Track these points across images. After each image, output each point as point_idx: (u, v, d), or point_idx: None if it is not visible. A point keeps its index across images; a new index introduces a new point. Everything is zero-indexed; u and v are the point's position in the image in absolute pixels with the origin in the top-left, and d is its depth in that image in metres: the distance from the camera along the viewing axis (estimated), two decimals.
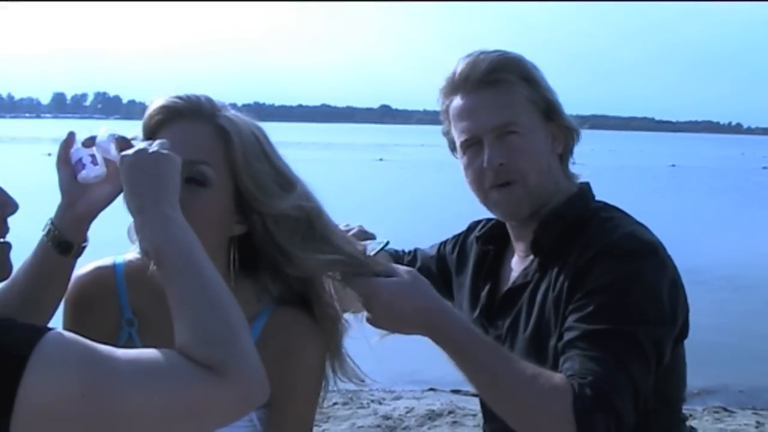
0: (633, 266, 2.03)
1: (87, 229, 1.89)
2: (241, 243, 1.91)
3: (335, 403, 7.36)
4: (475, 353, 1.95)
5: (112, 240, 2.07)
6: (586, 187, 2.32)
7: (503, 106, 2.20)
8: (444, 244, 2.63)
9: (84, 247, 1.89)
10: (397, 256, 2.61)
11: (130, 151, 1.69)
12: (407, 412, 7.41)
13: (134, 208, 1.65)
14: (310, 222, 1.87)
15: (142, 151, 1.68)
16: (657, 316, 2.01)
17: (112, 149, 1.79)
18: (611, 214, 2.22)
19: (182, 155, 1.73)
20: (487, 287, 2.36)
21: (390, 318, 1.96)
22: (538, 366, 1.95)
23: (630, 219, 2.21)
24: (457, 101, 2.25)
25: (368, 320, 1.99)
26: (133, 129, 1.89)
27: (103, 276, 1.97)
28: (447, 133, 2.33)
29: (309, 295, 1.93)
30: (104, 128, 1.84)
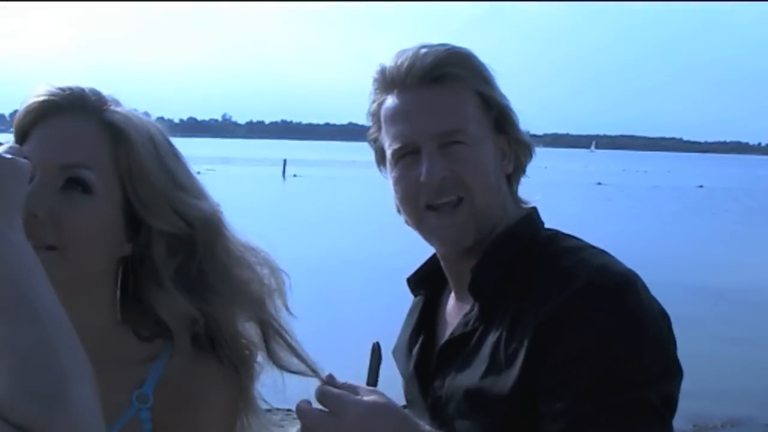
0: (620, 308, 1.61)
1: None
2: (133, 267, 1.59)
3: None
4: None
5: None
6: (533, 212, 1.87)
7: (450, 108, 1.77)
8: None
9: None
10: None
11: None
12: None
13: None
14: (208, 238, 1.57)
15: None
16: (666, 364, 1.62)
17: None
18: (568, 243, 1.78)
19: (60, 157, 1.48)
20: (420, 340, 1.91)
21: None
22: None
23: (593, 248, 1.76)
24: (391, 101, 1.81)
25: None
26: None
27: None
28: (375, 141, 1.90)
29: (214, 334, 1.60)
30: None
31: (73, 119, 1.52)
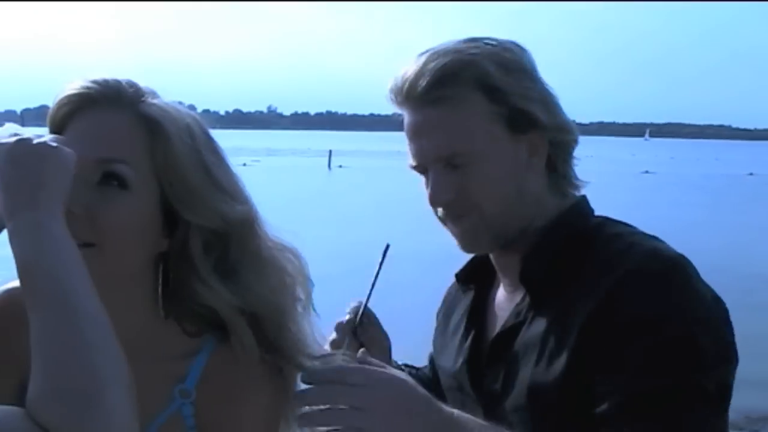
0: (672, 291, 1.62)
1: None
2: (173, 261, 1.57)
3: None
4: None
5: None
6: (581, 201, 1.87)
7: (449, 131, 1.76)
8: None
9: None
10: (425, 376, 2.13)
11: (10, 139, 1.38)
12: None
13: (5, 212, 1.32)
14: (244, 236, 1.54)
15: (23, 142, 1.37)
16: (718, 349, 1.61)
17: None
18: (618, 229, 1.80)
19: (95, 151, 1.44)
20: (470, 336, 1.91)
21: (387, 424, 1.50)
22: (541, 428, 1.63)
23: (642, 233, 1.78)
24: (406, 117, 1.82)
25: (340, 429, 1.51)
26: None
27: (16, 299, 1.61)
28: None
29: (254, 330, 1.57)
30: (7, 125, 1.52)
31: (108, 112, 1.49)
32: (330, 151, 59.77)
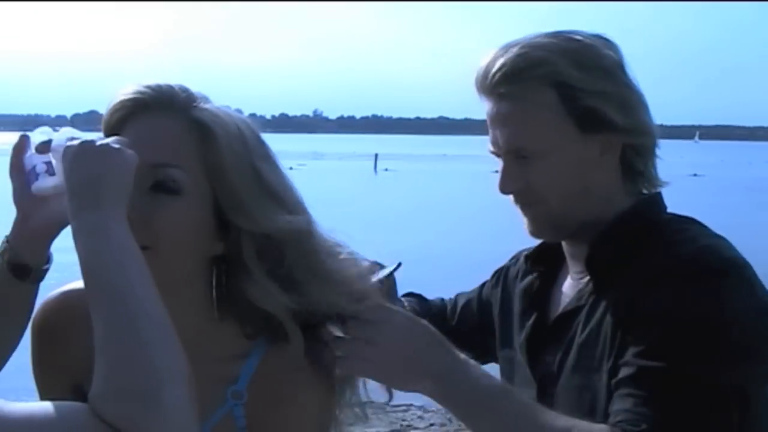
0: (707, 288, 1.64)
1: (46, 249, 1.60)
2: (227, 264, 1.58)
3: (432, 425, 7.19)
4: (488, 409, 1.64)
5: None
6: (655, 197, 1.89)
7: (517, 125, 1.79)
8: (486, 282, 2.23)
9: (45, 270, 1.61)
10: (440, 305, 2.25)
11: (75, 142, 1.40)
12: None
13: (70, 212, 1.34)
14: (298, 244, 1.54)
15: (87, 144, 1.39)
16: (739, 350, 1.61)
17: None
18: (684, 226, 1.81)
19: (149, 156, 1.45)
20: (533, 316, 1.95)
21: (397, 360, 1.62)
22: (590, 410, 1.66)
23: (708, 232, 1.80)
24: (485, 104, 1.85)
25: (347, 361, 1.61)
26: None
27: (73, 301, 1.65)
28: None
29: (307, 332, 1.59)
30: (65, 129, 1.55)
31: (161, 117, 1.50)
32: (376, 155, 59.83)
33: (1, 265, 1.57)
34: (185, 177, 1.47)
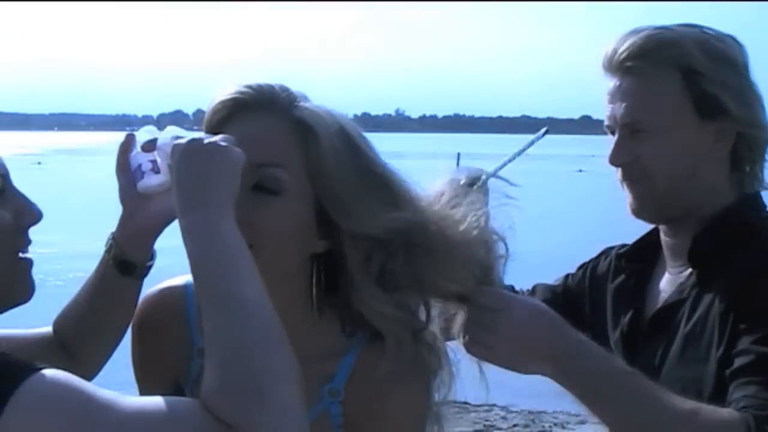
0: None
1: (151, 245, 1.65)
2: (327, 262, 1.59)
3: (515, 425, 7.15)
4: (611, 390, 1.64)
5: None
6: (757, 196, 1.95)
7: (636, 99, 1.87)
8: (570, 275, 2.25)
9: (149, 267, 1.66)
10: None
11: (183, 140, 1.42)
12: None
13: (178, 210, 1.36)
14: (407, 243, 1.52)
15: (195, 142, 1.40)
16: None
17: None
18: None
19: (250, 156, 1.44)
20: (629, 313, 1.99)
21: (517, 346, 1.63)
22: (696, 401, 1.65)
23: None
24: (608, 81, 1.93)
25: (469, 346, 1.65)
26: None
27: (172, 298, 1.70)
28: None
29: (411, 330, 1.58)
30: (170, 128, 1.57)
31: (262, 117, 1.51)
32: (458, 154, 59.41)
33: (107, 261, 1.62)
34: (287, 176, 1.49)
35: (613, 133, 1.92)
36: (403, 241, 1.52)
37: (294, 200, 1.50)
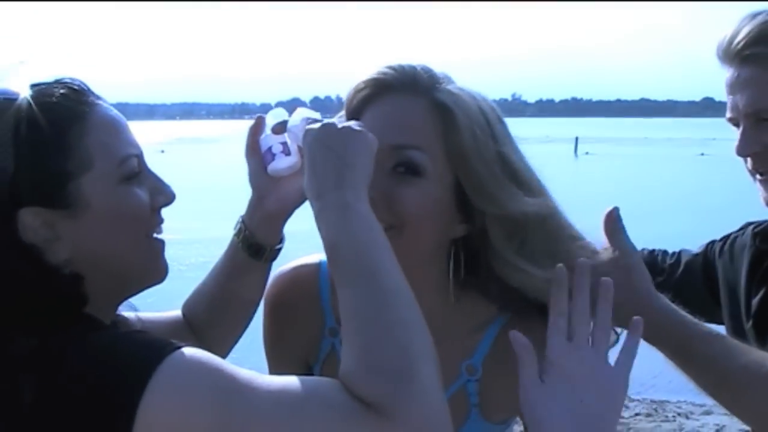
0: None
1: (280, 228, 1.66)
2: (466, 244, 1.59)
3: (637, 414, 7.02)
4: (700, 347, 1.63)
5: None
6: None
7: (758, 88, 1.81)
8: (712, 243, 2.22)
9: (278, 250, 1.67)
10: (660, 258, 2.24)
11: (315, 125, 1.42)
12: (717, 431, 6.82)
13: (312, 193, 1.36)
14: (541, 226, 1.53)
15: (329, 126, 1.40)
16: None
17: None
18: None
19: (390, 138, 1.46)
20: (760, 293, 1.96)
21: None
22: None
23: None
24: (726, 72, 1.88)
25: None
26: None
27: (305, 276, 1.72)
28: None
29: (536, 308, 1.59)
30: (299, 110, 1.57)
31: (404, 99, 1.51)
32: (576, 138, 58.88)
33: (236, 244, 1.64)
34: (426, 159, 1.48)
35: (736, 125, 1.87)
36: (537, 225, 1.52)
37: (432, 182, 1.49)
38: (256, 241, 1.63)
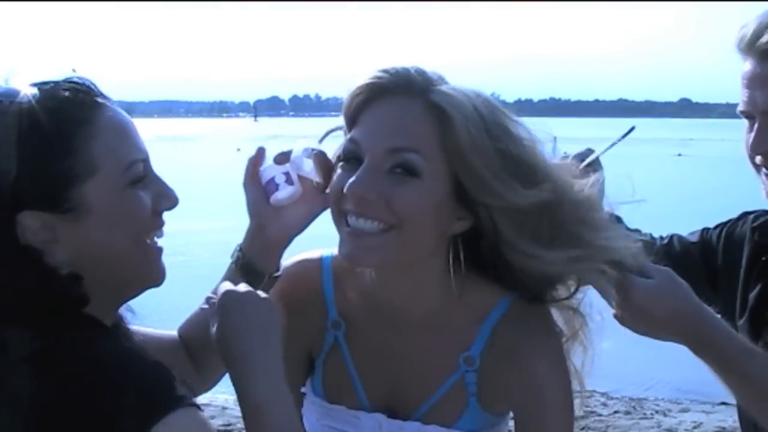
0: None
1: (280, 256, 1.69)
2: (465, 239, 1.62)
3: (616, 412, 7.06)
4: (740, 363, 1.67)
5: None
6: None
7: None
8: (707, 230, 2.23)
9: (276, 278, 1.69)
10: (651, 243, 2.23)
11: (222, 290, 1.50)
12: (694, 428, 6.83)
13: (238, 353, 1.43)
14: (550, 214, 1.56)
15: (229, 293, 1.48)
16: None
17: (307, 165, 1.63)
18: None
19: (388, 140, 1.50)
20: (757, 288, 1.98)
21: (641, 321, 1.69)
22: None
23: None
24: (745, 65, 1.87)
25: (616, 318, 1.72)
26: None
27: (308, 271, 1.76)
28: None
29: (546, 293, 1.66)
30: (300, 141, 1.65)
31: (399, 101, 1.53)
32: (554, 138, 58.84)
33: (234, 272, 1.66)
34: (422, 161, 1.50)
35: (747, 118, 1.88)
36: (542, 214, 1.55)
37: (430, 182, 1.51)
38: (255, 269, 1.65)
